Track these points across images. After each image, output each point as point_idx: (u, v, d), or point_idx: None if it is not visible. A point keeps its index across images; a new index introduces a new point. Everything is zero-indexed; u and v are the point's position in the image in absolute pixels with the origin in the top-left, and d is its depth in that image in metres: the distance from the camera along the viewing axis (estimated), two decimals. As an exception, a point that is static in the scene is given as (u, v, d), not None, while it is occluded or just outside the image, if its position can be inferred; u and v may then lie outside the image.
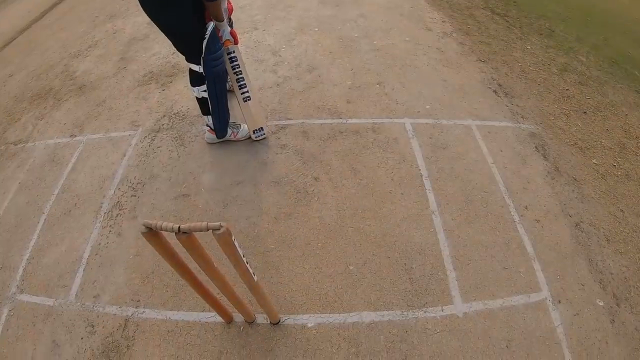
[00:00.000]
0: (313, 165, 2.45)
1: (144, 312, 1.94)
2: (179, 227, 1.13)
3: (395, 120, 2.78)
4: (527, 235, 2.16)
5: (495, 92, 3.18)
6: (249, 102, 2.53)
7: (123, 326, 1.91)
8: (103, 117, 3.06)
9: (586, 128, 2.94)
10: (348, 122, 2.77)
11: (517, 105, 3.07)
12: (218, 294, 1.65)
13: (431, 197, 2.30)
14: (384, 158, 2.49)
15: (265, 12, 4.51)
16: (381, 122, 2.76)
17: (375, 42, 3.74)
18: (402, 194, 2.29)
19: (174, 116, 2.94)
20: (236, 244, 1.21)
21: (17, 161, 2.85)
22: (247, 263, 1.34)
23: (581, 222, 2.28)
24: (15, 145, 3.01)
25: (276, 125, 2.76)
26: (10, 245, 2.30)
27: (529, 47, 3.94)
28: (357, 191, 2.29)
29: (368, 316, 1.87)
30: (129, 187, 2.47)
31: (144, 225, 1.17)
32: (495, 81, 3.31)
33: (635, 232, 2.28)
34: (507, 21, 4.44)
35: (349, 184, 2.32)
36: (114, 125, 2.96)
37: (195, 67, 2.27)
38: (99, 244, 2.18)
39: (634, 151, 2.85)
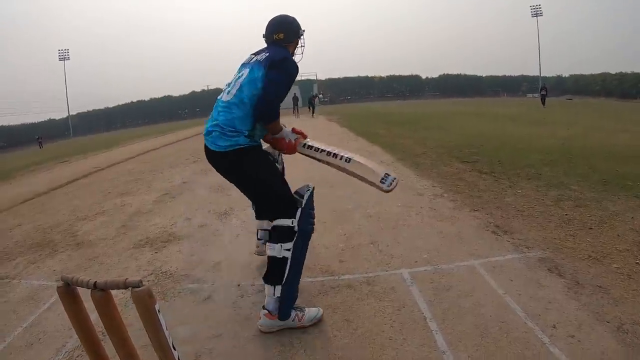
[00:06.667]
0: (302, 319, 2.27)
1: None
2: (95, 282, 1.13)
3: (392, 271, 2.68)
4: (564, 353, 1.80)
5: (493, 232, 3.13)
6: (353, 159, 2.07)
7: None
8: (92, 270, 3.14)
9: (596, 241, 2.75)
10: (340, 278, 2.67)
11: (518, 239, 2.96)
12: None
13: (439, 338, 2.02)
14: (381, 307, 2.30)
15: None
16: (376, 274, 2.66)
17: (368, 211, 3.94)
18: (405, 339, 2.03)
19: (161, 274, 2.94)
20: (157, 309, 1.11)
21: (-3, 293, 2.87)
22: (168, 338, 1.17)
23: (622, 324, 1.93)
24: (2, 279, 3.07)
25: (262, 284, 2.67)
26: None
27: (520, 191, 4.07)
28: (352, 341, 2.03)
29: None
30: (99, 331, 2.25)
31: (61, 278, 1.16)
32: (491, 224, 3.30)
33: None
34: (494, 176, 4.74)
35: (341, 335, 2.08)
36: (101, 277, 2.96)
37: (287, 222, 2.02)
38: (50, 380, 1.92)
39: (653, 245, 2.60)
